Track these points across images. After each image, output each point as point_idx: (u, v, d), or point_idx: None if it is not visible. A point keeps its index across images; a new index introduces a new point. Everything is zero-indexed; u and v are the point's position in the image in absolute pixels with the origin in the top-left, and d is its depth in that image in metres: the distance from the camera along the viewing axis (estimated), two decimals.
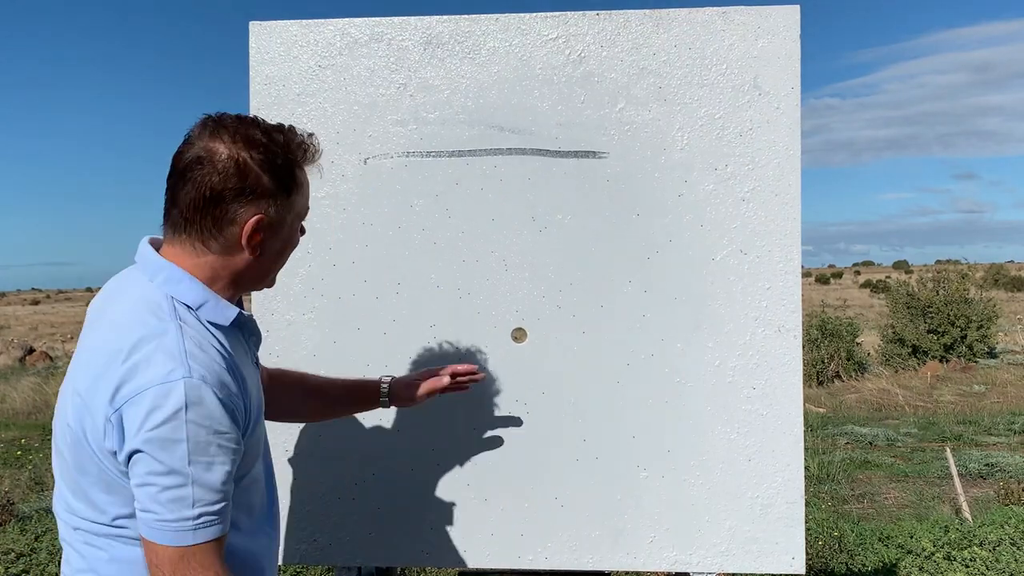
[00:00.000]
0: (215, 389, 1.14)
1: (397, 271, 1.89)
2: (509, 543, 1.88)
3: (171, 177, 1.24)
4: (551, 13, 1.89)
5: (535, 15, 1.91)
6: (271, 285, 1.39)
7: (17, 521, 5.41)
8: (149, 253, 1.26)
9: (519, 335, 1.89)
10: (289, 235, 1.32)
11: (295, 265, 1.87)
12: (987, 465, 7.14)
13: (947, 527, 5.01)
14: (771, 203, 1.85)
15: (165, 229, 1.26)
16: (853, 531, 5.21)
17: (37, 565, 4.35)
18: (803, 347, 2.43)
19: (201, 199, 1.20)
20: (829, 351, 12.82)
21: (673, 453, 1.86)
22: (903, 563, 4.57)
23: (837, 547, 4.85)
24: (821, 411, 10.38)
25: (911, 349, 14.08)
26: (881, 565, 4.60)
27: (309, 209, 1.36)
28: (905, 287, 15.13)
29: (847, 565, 4.65)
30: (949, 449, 7.40)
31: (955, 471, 6.50)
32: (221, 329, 1.25)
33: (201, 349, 1.17)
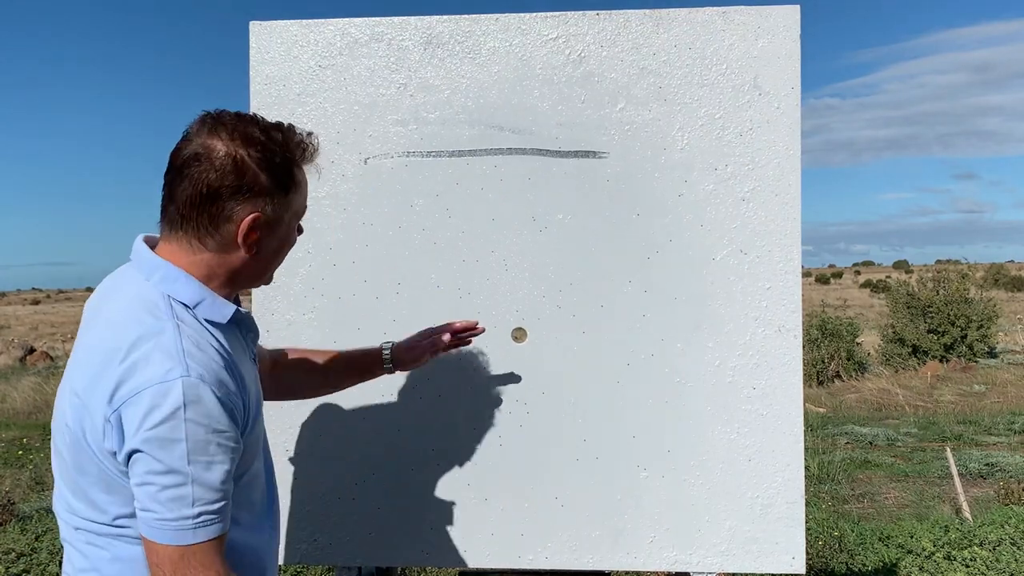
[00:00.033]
0: (213, 388, 1.14)
1: (397, 271, 1.89)
2: (509, 543, 1.88)
3: (168, 173, 1.23)
4: (551, 13, 1.89)
5: (535, 15, 1.91)
6: (268, 283, 1.39)
7: (18, 521, 5.41)
8: (144, 251, 1.25)
9: (519, 335, 1.89)
10: (286, 234, 1.31)
11: (295, 265, 1.87)
12: (987, 465, 7.14)
13: (947, 527, 5.01)
14: (771, 203, 1.85)
15: (162, 226, 1.26)
16: (853, 531, 5.20)
17: (38, 565, 4.34)
18: (803, 347, 2.43)
19: (198, 196, 1.19)
20: (829, 351, 12.82)
21: (673, 453, 1.86)
22: (903, 563, 4.56)
23: (837, 547, 4.85)
24: (821, 411, 10.38)
25: (911, 349, 14.08)
26: (881, 565, 4.59)
27: (307, 208, 1.36)
28: (905, 287, 15.12)
29: (847, 565, 4.64)
30: (949, 449, 7.39)
31: (955, 471, 6.49)
32: (218, 327, 1.24)
33: (199, 348, 1.16)
